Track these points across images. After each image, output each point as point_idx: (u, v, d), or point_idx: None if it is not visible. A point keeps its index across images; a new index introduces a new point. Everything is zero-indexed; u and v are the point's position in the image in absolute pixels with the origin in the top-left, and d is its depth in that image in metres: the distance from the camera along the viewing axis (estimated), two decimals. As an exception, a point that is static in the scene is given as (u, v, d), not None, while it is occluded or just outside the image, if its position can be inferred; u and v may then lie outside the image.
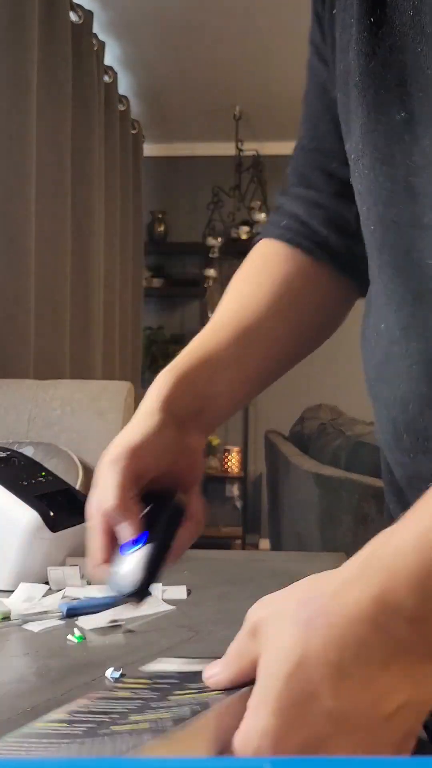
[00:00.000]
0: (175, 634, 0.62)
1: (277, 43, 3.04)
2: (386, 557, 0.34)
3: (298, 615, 0.34)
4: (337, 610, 0.34)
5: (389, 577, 0.33)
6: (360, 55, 0.50)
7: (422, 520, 0.34)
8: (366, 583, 0.34)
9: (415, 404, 0.48)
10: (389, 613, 0.33)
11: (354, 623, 0.33)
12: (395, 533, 0.35)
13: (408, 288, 0.49)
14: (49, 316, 2.12)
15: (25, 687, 0.52)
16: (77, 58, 2.35)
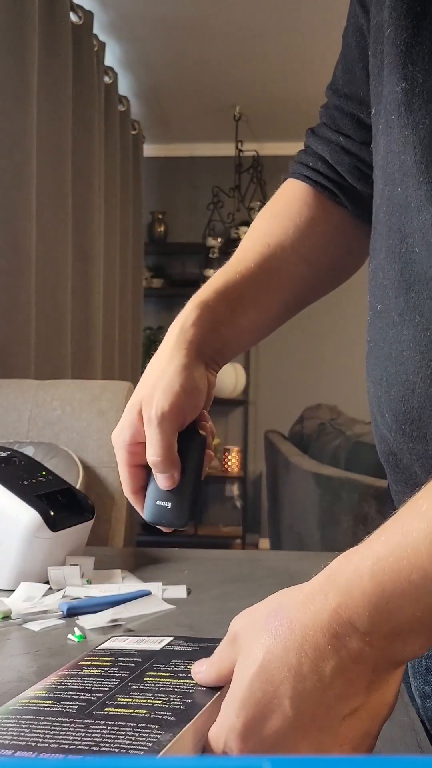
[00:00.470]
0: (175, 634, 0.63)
1: (277, 43, 3.04)
2: (345, 576, 0.36)
3: (267, 624, 0.37)
4: (299, 618, 0.36)
5: (346, 596, 0.36)
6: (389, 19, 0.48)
7: (383, 545, 0.36)
8: (325, 597, 0.36)
9: (399, 388, 0.48)
10: (344, 625, 0.35)
11: (313, 632, 0.36)
12: (357, 554, 0.37)
13: (404, 274, 0.48)
14: (49, 316, 2.12)
15: (25, 686, 0.53)
16: (77, 58, 2.35)
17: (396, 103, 0.46)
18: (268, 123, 3.97)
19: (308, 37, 2.93)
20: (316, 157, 0.68)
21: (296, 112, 3.85)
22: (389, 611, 0.35)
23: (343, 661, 0.35)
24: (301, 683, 0.36)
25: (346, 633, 0.35)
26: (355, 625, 0.35)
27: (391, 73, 0.47)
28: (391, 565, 0.35)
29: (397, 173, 0.47)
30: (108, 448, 1.26)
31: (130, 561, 0.90)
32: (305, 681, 0.36)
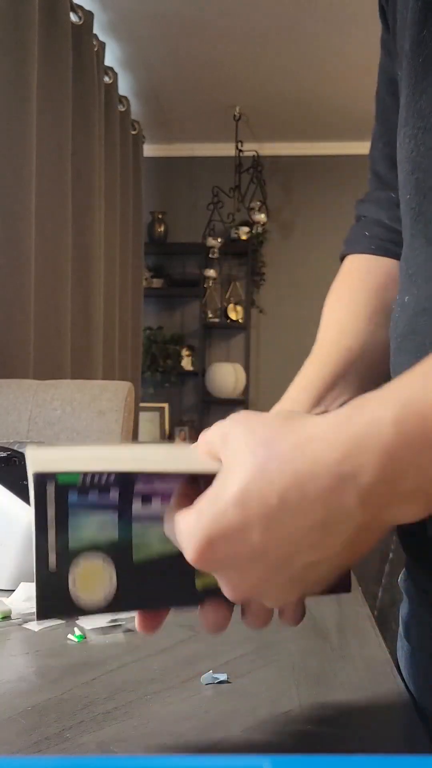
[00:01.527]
0: (175, 634, 0.63)
1: (277, 43, 3.04)
2: (359, 425, 0.33)
3: (257, 452, 0.35)
4: (292, 460, 0.34)
5: (356, 449, 0.33)
6: (413, 24, 0.49)
7: (406, 389, 0.33)
8: (330, 446, 0.34)
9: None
10: (343, 482, 0.33)
11: (304, 480, 0.34)
12: (375, 400, 0.34)
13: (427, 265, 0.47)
14: (49, 316, 2.12)
15: (25, 686, 0.52)
16: (77, 58, 2.35)
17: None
18: (268, 123, 3.97)
19: (308, 37, 2.93)
20: (371, 222, 0.67)
21: (296, 112, 3.85)
22: (403, 469, 0.32)
23: (328, 515, 0.34)
24: (275, 524, 0.34)
25: (341, 489, 0.33)
26: (355, 481, 0.33)
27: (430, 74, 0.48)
28: (422, 409, 0.32)
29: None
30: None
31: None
32: (280, 523, 0.34)
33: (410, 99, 0.50)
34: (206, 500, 0.36)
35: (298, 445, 0.35)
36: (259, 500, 0.34)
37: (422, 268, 0.48)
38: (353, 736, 0.45)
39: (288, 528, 0.34)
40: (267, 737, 0.44)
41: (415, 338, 0.49)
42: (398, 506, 0.34)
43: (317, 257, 4.11)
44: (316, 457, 0.34)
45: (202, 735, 0.44)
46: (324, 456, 0.34)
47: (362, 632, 0.63)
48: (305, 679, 0.53)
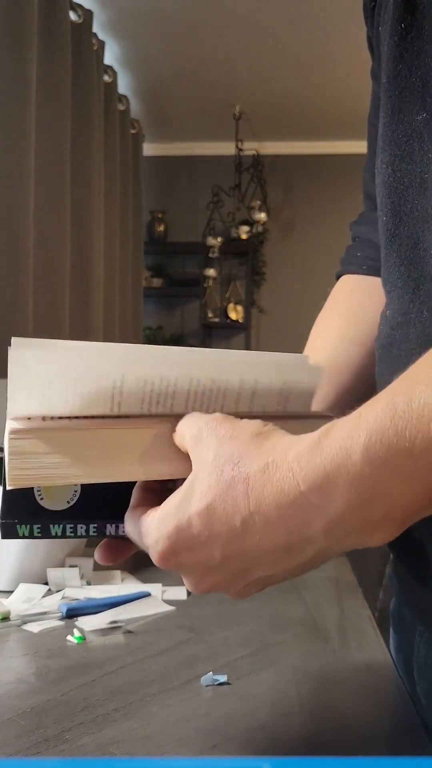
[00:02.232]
0: (175, 635, 0.62)
1: (277, 42, 3.03)
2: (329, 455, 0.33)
3: (224, 469, 0.36)
4: (258, 486, 0.34)
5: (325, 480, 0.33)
6: (390, 58, 0.52)
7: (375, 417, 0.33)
8: (297, 474, 0.34)
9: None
10: (308, 512, 0.33)
11: (268, 507, 0.34)
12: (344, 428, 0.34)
13: (411, 277, 0.50)
14: (48, 315, 2.12)
15: (25, 688, 0.52)
16: (77, 57, 2.35)
17: (417, 131, 0.50)
18: (269, 122, 3.97)
19: (309, 35, 2.93)
20: (364, 243, 0.69)
21: (296, 111, 3.84)
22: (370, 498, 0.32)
23: (291, 541, 0.35)
24: (237, 544, 0.35)
25: (306, 520, 0.34)
26: (322, 511, 0.33)
27: (407, 104, 0.51)
28: (389, 438, 0.32)
29: (413, 189, 0.50)
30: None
31: (130, 562, 0.90)
32: (242, 543, 0.35)
33: (388, 128, 0.53)
34: (172, 507, 0.37)
35: (266, 469, 0.35)
36: (224, 519, 0.35)
37: (396, 285, 0.51)
38: (353, 737, 0.45)
39: (249, 548, 0.35)
40: (267, 739, 0.44)
41: (392, 350, 0.51)
42: (365, 533, 0.34)
43: (318, 256, 4.11)
44: (283, 486, 0.34)
45: (202, 736, 0.44)
46: (291, 486, 0.34)
47: (363, 634, 0.62)
48: (305, 680, 0.53)
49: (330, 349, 0.65)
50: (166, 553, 0.37)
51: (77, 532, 0.43)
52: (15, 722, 0.47)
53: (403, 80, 0.51)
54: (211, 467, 0.36)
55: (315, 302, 0.80)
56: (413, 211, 0.51)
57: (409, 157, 0.51)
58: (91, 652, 0.60)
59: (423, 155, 0.50)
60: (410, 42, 0.51)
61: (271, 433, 0.37)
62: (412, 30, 0.51)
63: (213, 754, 0.42)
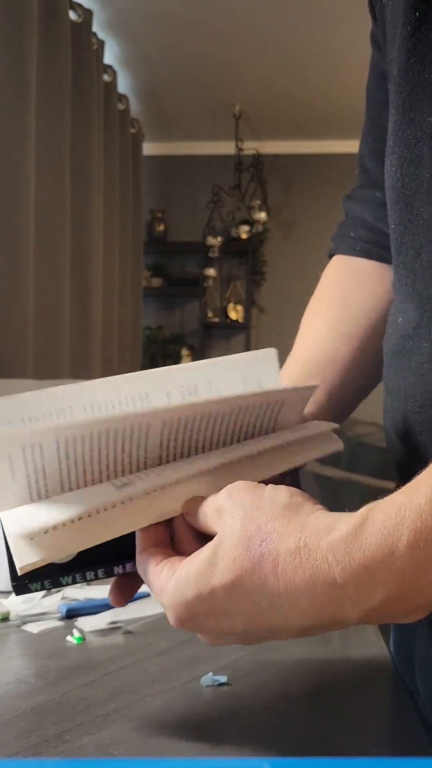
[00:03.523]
0: (175, 635, 0.62)
1: (277, 41, 3.03)
2: (370, 550, 0.32)
3: (252, 547, 0.35)
4: (289, 570, 0.34)
5: (366, 575, 0.32)
6: (401, 50, 0.48)
7: (419, 507, 0.32)
8: (334, 565, 0.33)
9: (418, 399, 0.49)
10: (343, 605, 0.33)
11: (298, 594, 0.33)
12: (388, 518, 0.33)
13: (416, 290, 0.49)
14: (47, 315, 2.11)
15: (24, 688, 0.52)
16: (76, 57, 2.35)
17: (428, 133, 0.47)
18: (268, 121, 3.97)
19: (308, 35, 2.93)
20: (357, 221, 0.67)
21: (296, 111, 3.84)
22: (413, 591, 0.32)
23: (321, 624, 0.34)
24: (262, 621, 0.35)
25: (343, 609, 0.33)
26: (360, 604, 0.33)
27: (418, 102, 0.48)
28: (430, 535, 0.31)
29: (421, 195, 0.48)
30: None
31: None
32: (267, 622, 0.35)
33: (397, 127, 0.50)
34: (192, 574, 0.36)
35: (297, 553, 0.34)
36: (250, 596, 0.34)
37: (406, 296, 0.50)
38: (353, 737, 0.44)
39: (273, 624, 0.35)
40: (267, 739, 0.44)
41: (402, 359, 0.50)
42: (400, 617, 0.34)
43: (318, 256, 4.09)
44: (317, 575, 0.33)
45: (202, 737, 0.44)
46: (326, 576, 0.33)
47: (362, 633, 0.62)
48: (305, 680, 0.53)
49: (320, 341, 0.63)
50: (183, 618, 0.37)
51: (86, 578, 0.43)
52: (14, 723, 0.47)
53: (415, 75, 0.48)
54: (237, 538, 0.35)
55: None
56: (418, 219, 0.48)
57: (418, 160, 0.48)
58: (91, 652, 0.60)
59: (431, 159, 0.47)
60: (424, 33, 0.47)
61: (300, 507, 0.36)
62: (427, 21, 0.46)
63: (213, 754, 0.42)
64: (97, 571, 0.43)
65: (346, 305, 0.64)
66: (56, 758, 0.42)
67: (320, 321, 0.65)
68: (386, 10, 0.53)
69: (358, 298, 0.64)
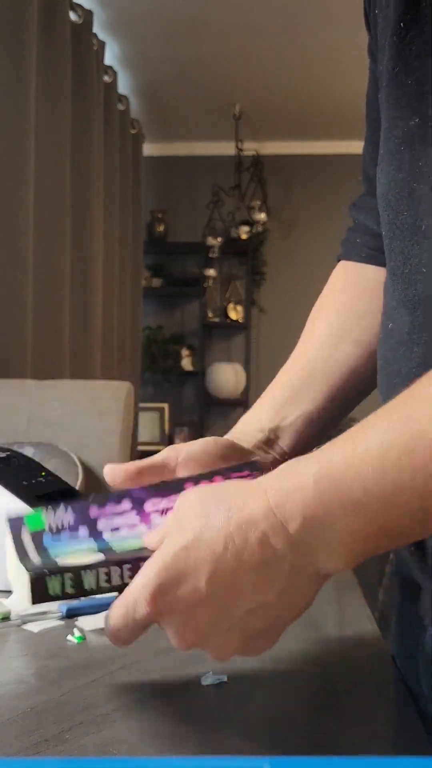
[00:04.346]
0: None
1: (277, 42, 3.03)
2: (291, 478, 0.39)
3: (207, 507, 0.40)
4: (237, 509, 0.40)
5: (285, 497, 0.38)
6: (389, 59, 0.50)
7: (333, 453, 0.38)
8: (265, 494, 0.39)
9: None
10: (276, 526, 0.38)
11: (246, 525, 0.39)
12: (305, 459, 0.39)
13: (407, 296, 0.50)
14: (47, 316, 2.11)
15: (25, 688, 0.52)
16: (77, 57, 2.35)
17: (409, 136, 0.49)
18: (269, 122, 3.97)
19: (308, 35, 2.93)
20: (361, 229, 0.68)
21: (296, 111, 3.84)
22: (321, 522, 0.37)
23: (266, 556, 0.38)
24: (221, 566, 0.39)
25: (275, 532, 0.38)
26: (285, 527, 0.38)
27: (402, 108, 0.49)
28: (336, 474, 0.37)
29: (404, 200, 0.49)
30: (108, 449, 1.26)
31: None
32: (225, 565, 0.38)
33: (385, 134, 0.51)
34: (155, 554, 0.41)
35: (243, 496, 0.40)
36: (207, 546, 0.39)
37: (401, 302, 0.51)
38: (354, 737, 0.45)
39: (232, 569, 0.39)
40: (267, 739, 0.44)
41: (394, 365, 0.51)
42: (324, 555, 0.39)
43: (318, 256, 4.10)
44: (255, 507, 0.39)
45: (202, 736, 0.44)
46: (261, 506, 0.39)
47: (362, 633, 0.62)
48: (305, 680, 0.53)
49: (321, 347, 0.65)
50: (154, 593, 0.39)
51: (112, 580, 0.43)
52: (15, 722, 0.47)
53: (400, 83, 0.49)
54: (190, 514, 0.41)
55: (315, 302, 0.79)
56: (403, 224, 0.49)
57: (401, 166, 0.49)
58: (92, 652, 0.60)
59: (413, 163, 0.48)
60: (409, 42, 0.48)
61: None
62: (412, 29, 0.48)
63: (213, 753, 0.42)
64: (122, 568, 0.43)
65: (353, 311, 0.65)
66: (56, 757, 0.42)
67: (324, 325, 0.66)
68: (378, 21, 0.55)
69: (364, 303, 0.65)
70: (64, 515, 0.47)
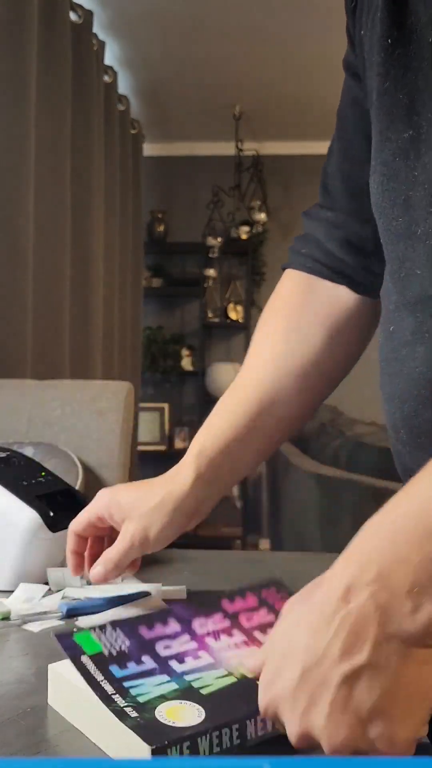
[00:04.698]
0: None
1: (277, 42, 3.04)
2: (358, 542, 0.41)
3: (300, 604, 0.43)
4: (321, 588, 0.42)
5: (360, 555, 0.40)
6: (377, 75, 0.52)
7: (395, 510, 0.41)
8: (344, 565, 0.41)
9: (412, 403, 0.51)
10: (354, 578, 0.39)
11: (328, 591, 0.40)
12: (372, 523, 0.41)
13: (406, 297, 0.52)
14: (47, 315, 2.11)
15: (25, 688, 0.52)
16: (77, 57, 2.35)
17: (403, 149, 0.51)
18: (268, 122, 3.97)
19: (308, 36, 2.93)
20: (310, 240, 0.70)
21: (296, 112, 3.84)
22: (396, 563, 0.38)
23: (350, 611, 0.38)
24: (312, 633, 0.39)
25: (355, 585, 0.39)
26: (363, 578, 0.39)
27: (394, 122, 0.51)
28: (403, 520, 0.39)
29: (398, 207, 0.52)
30: (108, 449, 1.26)
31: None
32: (316, 632, 0.39)
33: (378, 147, 0.53)
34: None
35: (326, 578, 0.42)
36: (296, 621, 0.41)
37: (400, 305, 0.53)
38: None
39: (320, 631, 0.39)
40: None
41: (396, 365, 0.53)
42: (409, 599, 0.37)
43: (317, 257, 4.11)
44: (334, 575, 0.41)
45: (202, 736, 0.44)
46: (340, 573, 0.41)
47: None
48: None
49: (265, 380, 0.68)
50: (265, 684, 0.42)
51: (222, 744, 0.42)
52: (15, 722, 0.47)
53: (390, 97, 0.51)
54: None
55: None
56: (398, 230, 0.52)
57: (395, 176, 0.51)
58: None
59: (408, 173, 0.50)
60: (397, 58, 0.51)
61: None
62: (399, 46, 0.50)
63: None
64: (231, 729, 0.42)
65: (296, 338, 0.68)
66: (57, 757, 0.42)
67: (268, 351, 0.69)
68: (364, 40, 0.57)
69: (307, 331, 0.68)
70: (116, 637, 0.48)
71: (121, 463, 1.25)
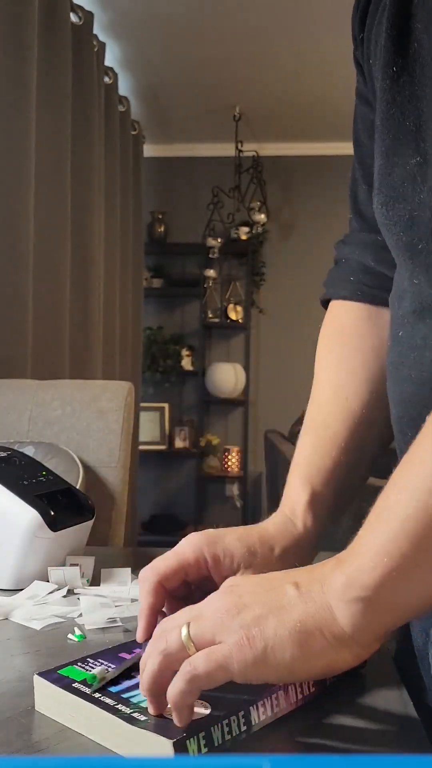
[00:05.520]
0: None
1: (277, 43, 3.04)
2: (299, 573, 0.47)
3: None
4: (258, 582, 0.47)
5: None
6: (382, 101, 0.54)
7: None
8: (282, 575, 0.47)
9: (416, 407, 0.53)
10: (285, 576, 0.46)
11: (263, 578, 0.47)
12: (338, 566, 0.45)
13: (413, 307, 0.54)
14: (48, 316, 2.12)
15: (26, 686, 0.53)
16: (77, 59, 2.35)
17: (411, 174, 0.52)
18: (268, 123, 3.97)
19: (308, 37, 2.93)
20: (356, 266, 0.68)
21: (296, 113, 3.85)
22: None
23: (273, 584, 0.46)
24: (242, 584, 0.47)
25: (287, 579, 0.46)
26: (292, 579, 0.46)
27: (401, 147, 0.53)
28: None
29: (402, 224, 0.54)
30: (108, 448, 1.26)
31: (131, 561, 0.90)
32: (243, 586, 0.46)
33: (383, 170, 0.55)
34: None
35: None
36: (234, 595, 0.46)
37: (408, 312, 0.54)
38: (353, 735, 0.45)
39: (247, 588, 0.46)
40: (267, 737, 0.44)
41: (403, 369, 0.54)
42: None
43: (317, 257, 4.11)
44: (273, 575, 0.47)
45: (203, 734, 0.44)
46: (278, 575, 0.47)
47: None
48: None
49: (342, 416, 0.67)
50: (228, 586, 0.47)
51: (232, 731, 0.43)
52: (16, 720, 0.47)
53: (396, 124, 0.53)
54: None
55: (315, 302, 0.79)
56: (403, 243, 0.54)
57: (402, 198, 0.53)
58: (92, 650, 0.60)
59: (415, 196, 0.52)
60: (402, 86, 0.52)
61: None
62: (404, 74, 0.52)
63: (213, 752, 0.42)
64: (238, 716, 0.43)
65: (365, 369, 0.66)
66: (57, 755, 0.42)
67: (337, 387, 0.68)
68: (373, 69, 0.59)
69: (370, 345, 0.66)
70: (100, 665, 0.49)
71: (122, 463, 1.25)
